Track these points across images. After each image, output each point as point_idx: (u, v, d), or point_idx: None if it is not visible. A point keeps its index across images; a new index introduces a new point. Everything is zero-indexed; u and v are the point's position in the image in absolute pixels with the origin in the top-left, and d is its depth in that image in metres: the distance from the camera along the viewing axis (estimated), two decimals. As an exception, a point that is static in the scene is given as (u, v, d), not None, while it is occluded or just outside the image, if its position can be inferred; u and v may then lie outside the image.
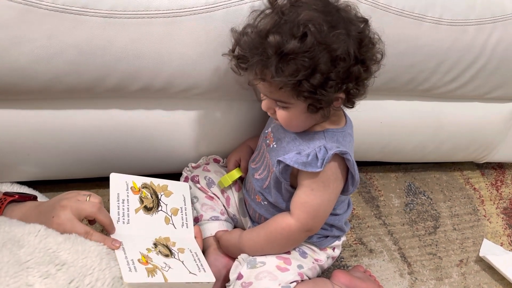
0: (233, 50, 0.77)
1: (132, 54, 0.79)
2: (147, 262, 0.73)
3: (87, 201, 0.72)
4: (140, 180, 0.88)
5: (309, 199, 0.79)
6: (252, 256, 0.85)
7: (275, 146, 0.83)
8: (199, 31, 0.79)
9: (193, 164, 1.01)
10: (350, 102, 0.76)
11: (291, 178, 0.81)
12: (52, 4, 0.71)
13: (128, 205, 0.82)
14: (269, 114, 0.80)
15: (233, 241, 0.88)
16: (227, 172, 0.97)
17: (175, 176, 1.01)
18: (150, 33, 0.77)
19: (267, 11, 0.73)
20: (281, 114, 0.76)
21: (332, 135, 0.79)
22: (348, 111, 0.83)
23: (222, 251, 0.90)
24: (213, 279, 0.77)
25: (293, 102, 0.73)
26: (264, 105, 0.78)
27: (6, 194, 0.76)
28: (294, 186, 0.81)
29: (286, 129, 0.81)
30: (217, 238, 0.92)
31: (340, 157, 0.76)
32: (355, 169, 0.77)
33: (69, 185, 1.02)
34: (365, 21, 0.73)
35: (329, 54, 0.67)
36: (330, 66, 0.68)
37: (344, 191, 0.82)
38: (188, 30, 0.79)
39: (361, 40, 0.71)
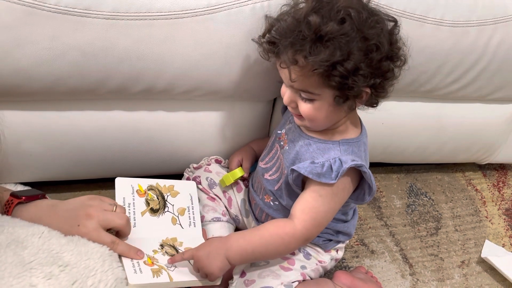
0: (263, 36, 0.75)
1: (135, 56, 0.79)
2: (152, 263, 0.74)
3: (114, 211, 0.73)
4: (146, 183, 0.87)
5: (318, 205, 0.77)
6: (237, 264, 0.81)
7: (287, 148, 0.82)
8: (201, 32, 0.80)
9: (195, 165, 1.01)
10: (373, 101, 0.75)
11: (302, 184, 0.80)
12: (55, 6, 0.71)
13: (134, 209, 0.83)
14: (289, 108, 0.78)
15: (214, 244, 0.77)
16: (229, 172, 0.97)
17: (177, 177, 1.01)
18: (152, 34, 0.78)
19: (301, 4, 0.72)
20: (305, 107, 0.73)
21: (347, 146, 0.78)
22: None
23: None
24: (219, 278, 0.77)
25: (319, 93, 0.71)
26: (287, 97, 0.75)
27: (12, 195, 0.76)
28: None
29: (301, 133, 0.80)
30: (185, 258, 0.78)
31: (355, 169, 0.76)
32: (372, 180, 0.76)
33: (72, 186, 1.02)
34: (395, 21, 0.74)
35: (365, 41, 0.68)
36: (364, 54, 0.68)
37: (359, 200, 0.81)
38: (190, 32, 0.79)
39: (392, 37, 0.72)
